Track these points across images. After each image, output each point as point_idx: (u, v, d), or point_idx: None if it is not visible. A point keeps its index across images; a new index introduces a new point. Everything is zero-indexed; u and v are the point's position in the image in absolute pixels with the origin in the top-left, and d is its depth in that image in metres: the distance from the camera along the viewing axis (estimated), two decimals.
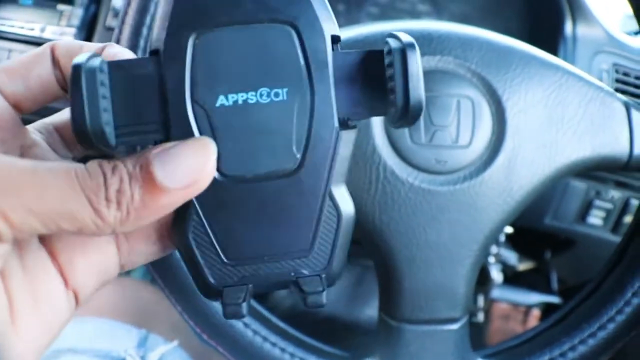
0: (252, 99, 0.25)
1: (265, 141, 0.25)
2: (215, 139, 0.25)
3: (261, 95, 0.25)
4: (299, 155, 0.26)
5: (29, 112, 0.28)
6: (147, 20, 0.47)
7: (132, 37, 0.47)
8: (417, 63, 0.25)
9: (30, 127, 0.28)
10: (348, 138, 0.27)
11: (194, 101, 0.25)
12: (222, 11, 0.25)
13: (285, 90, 0.25)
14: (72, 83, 0.22)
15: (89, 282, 0.27)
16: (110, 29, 0.74)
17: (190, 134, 0.25)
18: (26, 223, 0.21)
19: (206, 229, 0.26)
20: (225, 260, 0.26)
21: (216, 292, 0.27)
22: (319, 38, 0.25)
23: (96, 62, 0.23)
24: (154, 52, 0.25)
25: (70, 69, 0.23)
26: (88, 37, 0.75)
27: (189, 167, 0.23)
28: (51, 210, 0.21)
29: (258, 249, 0.26)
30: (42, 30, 0.75)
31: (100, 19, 0.75)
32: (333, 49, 0.26)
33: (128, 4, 0.47)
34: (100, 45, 0.29)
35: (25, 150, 0.27)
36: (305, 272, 0.27)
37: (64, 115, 0.31)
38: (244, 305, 0.26)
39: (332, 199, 0.26)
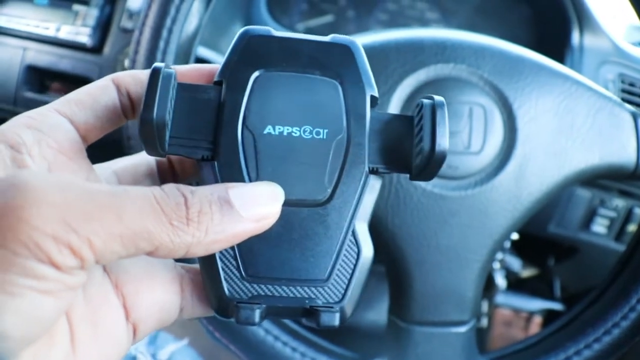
0: (295, 133, 0.28)
1: (301, 171, 0.27)
2: (256, 161, 0.27)
3: (304, 131, 0.28)
4: (329, 189, 0.28)
5: (93, 142, 0.29)
6: (168, 22, 0.48)
7: (152, 39, 0.48)
8: (445, 117, 0.27)
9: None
10: (375, 184, 0.29)
11: (244, 126, 0.28)
12: (283, 59, 0.29)
13: (325, 131, 0.28)
14: (150, 80, 0.25)
15: (149, 318, 0.27)
16: (125, 30, 0.75)
17: (237, 153, 0.27)
18: (108, 247, 0.21)
19: None
20: (244, 275, 0.27)
21: (227, 305, 0.27)
22: (360, 95, 0.29)
23: (172, 71, 0.27)
24: (218, 83, 0.29)
25: (150, 71, 0.26)
26: (103, 38, 0.76)
27: (262, 203, 0.25)
28: (130, 231, 0.21)
29: (277, 271, 0.27)
30: (58, 29, 0.76)
31: (115, 20, 0.76)
32: (371, 107, 0.29)
33: (149, 7, 0.48)
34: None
35: None
36: (319, 301, 0.27)
37: (123, 161, 0.32)
38: (257, 312, 0.26)
39: (354, 235, 0.28)
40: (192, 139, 0.28)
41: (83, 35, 0.76)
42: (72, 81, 0.78)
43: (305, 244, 0.27)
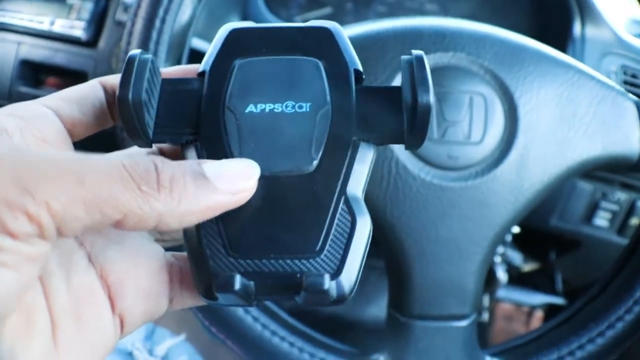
0: (278, 109, 0.27)
1: (286, 144, 0.27)
2: (239, 138, 0.27)
3: (287, 106, 0.28)
4: (316, 160, 0.27)
5: (80, 138, 0.28)
6: (160, 12, 0.47)
7: (144, 29, 0.47)
8: (425, 67, 0.26)
9: None
10: (366, 154, 0.28)
11: (226, 107, 0.28)
12: (264, 46, 0.29)
13: (308, 104, 0.28)
14: (126, 65, 0.26)
15: (136, 309, 0.26)
16: (120, 23, 0.74)
17: (219, 133, 0.27)
18: (69, 212, 0.19)
19: (216, 218, 0.25)
20: (230, 252, 0.25)
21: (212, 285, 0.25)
22: (343, 69, 0.29)
23: (149, 56, 0.27)
24: (201, 74, 0.29)
25: (126, 58, 0.26)
26: (97, 31, 0.75)
27: (237, 176, 0.24)
28: (94, 195, 0.20)
29: (265, 246, 0.26)
30: (52, 23, 0.75)
31: (110, 13, 0.75)
32: (356, 82, 0.29)
33: None
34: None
35: None
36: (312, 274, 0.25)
37: (114, 155, 0.31)
38: (237, 277, 0.25)
39: (347, 204, 0.26)
40: (177, 127, 0.28)
41: (77, 29, 0.74)
42: (67, 75, 0.77)
43: (294, 216, 0.26)
